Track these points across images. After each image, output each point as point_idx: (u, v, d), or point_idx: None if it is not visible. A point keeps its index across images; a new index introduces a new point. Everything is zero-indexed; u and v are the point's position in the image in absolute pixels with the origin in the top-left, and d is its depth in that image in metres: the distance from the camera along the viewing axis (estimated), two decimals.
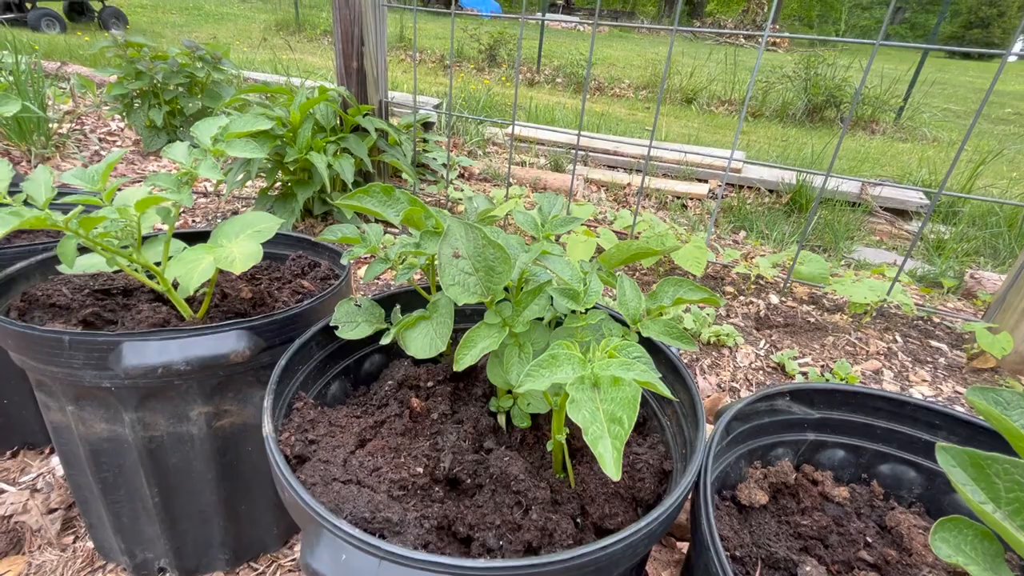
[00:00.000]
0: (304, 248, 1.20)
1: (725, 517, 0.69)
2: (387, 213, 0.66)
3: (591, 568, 0.46)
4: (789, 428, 0.78)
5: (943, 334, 1.78)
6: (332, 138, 2.12)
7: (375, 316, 0.82)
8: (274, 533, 1.00)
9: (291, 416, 0.68)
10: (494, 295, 0.56)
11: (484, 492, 0.66)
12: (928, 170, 3.96)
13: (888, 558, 0.65)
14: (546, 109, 5.52)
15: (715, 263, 2.10)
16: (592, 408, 0.42)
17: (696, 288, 0.61)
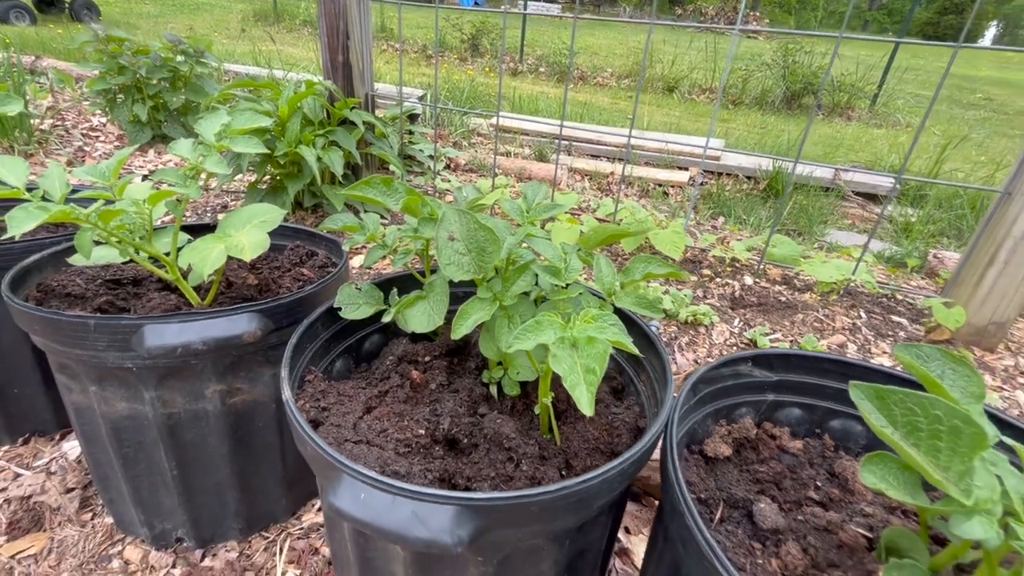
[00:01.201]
0: (301, 238, 1.26)
1: (693, 468, 0.78)
2: (388, 202, 0.73)
3: (574, 499, 0.55)
4: (751, 390, 0.88)
5: (904, 310, 1.91)
6: (320, 131, 2.16)
7: (375, 298, 0.89)
8: (283, 504, 1.07)
9: (304, 387, 0.75)
10: (485, 273, 0.64)
11: (479, 450, 0.74)
12: (898, 155, 4.10)
13: (832, 496, 0.74)
14: (530, 99, 5.57)
15: (694, 247, 2.20)
16: (571, 362, 0.50)
17: (663, 264, 0.69)
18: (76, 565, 0.99)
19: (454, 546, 0.50)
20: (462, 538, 0.50)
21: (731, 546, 0.65)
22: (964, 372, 0.60)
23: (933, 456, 0.46)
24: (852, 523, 0.70)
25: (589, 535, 0.68)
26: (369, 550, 0.65)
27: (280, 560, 1.01)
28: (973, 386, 0.59)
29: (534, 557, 0.62)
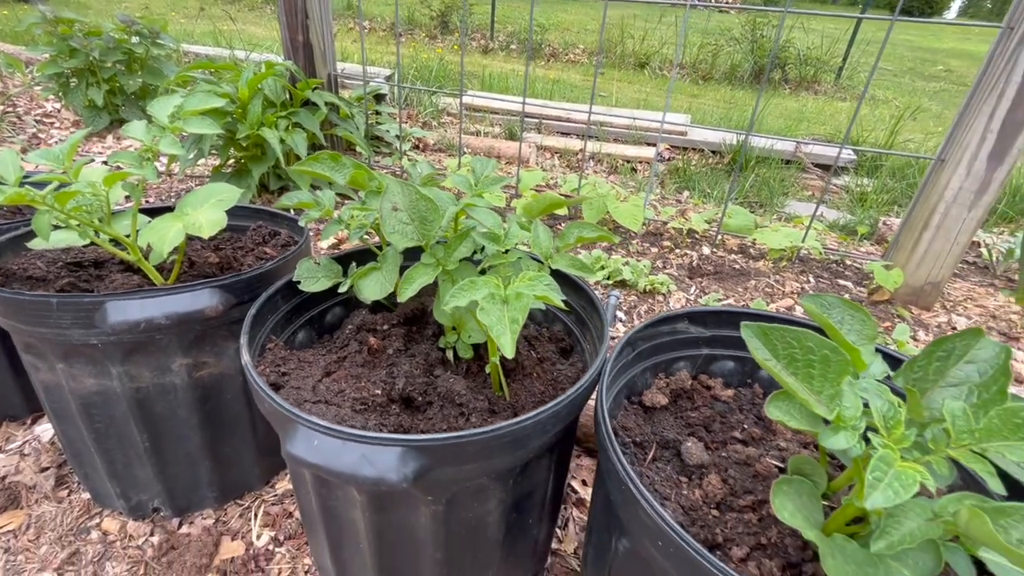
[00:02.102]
0: (263, 219, 1.28)
1: (632, 416, 0.85)
2: (335, 177, 0.77)
3: (508, 439, 0.61)
4: (687, 345, 0.95)
5: (851, 274, 2.02)
6: (283, 113, 2.15)
7: (333, 272, 0.93)
8: (256, 473, 1.12)
9: (264, 355, 0.80)
10: (428, 239, 0.69)
11: (434, 407, 0.80)
12: (857, 128, 4.22)
13: (754, 435, 0.83)
14: (500, 77, 5.53)
15: (656, 220, 2.27)
16: (498, 315, 0.55)
17: (594, 228, 0.75)
18: (55, 538, 1.03)
19: (400, 482, 0.56)
20: (407, 475, 0.56)
21: (659, 480, 0.73)
22: (860, 317, 0.68)
23: (808, 382, 0.54)
24: (768, 456, 0.79)
25: (533, 477, 0.75)
26: (330, 498, 0.71)
27: (255, 524, 1.06)
28: (867, 329, 0.66)
29: (480, 496, 0.69)
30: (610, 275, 1.79)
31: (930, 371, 0.56)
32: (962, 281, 2.09)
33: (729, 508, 0.70)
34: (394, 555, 0.73)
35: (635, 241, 2.10)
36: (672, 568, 0.54)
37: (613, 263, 1.81)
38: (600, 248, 1.95)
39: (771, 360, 0.55)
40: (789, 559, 0.62)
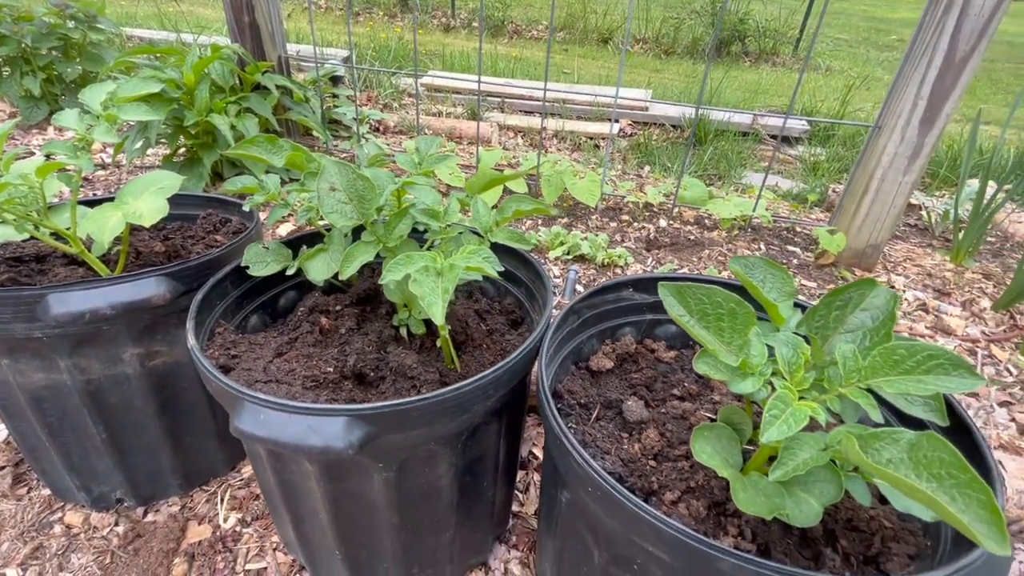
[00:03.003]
0: (213, 206, 1.27)
1: (578, 380, 0.89)
2: (272, 159, 0.77)
3: (450, 404, 0.64)
4: (632, 311, 1.00)
5: (800, 240, 2.11)
6: (232, 98, 2.09)
7: (283, 256, 0.94)
8: (220, 459, 1.14)
9: (213, 339, 0.81)
10: (368, 218, 0.70)
11: (386, 382, 0.82)
12: (811, 99, 4.33)
13: (692, 392, 0.88)
14: (462, 56, 5.45)
15: (616, 196, 2.31)
16: (431, 285, 0.58)
17: (531, 201, 0.78)
18: (16, 535, 1.03)
19: (345, 450, 0.59)
20: (352, 443, 0.59)
21: (601, 437, 0.77)
22: (780, 276, 0.73)
23: (719, 335, 0.58)
24: (702, 410, 0.84)
25: (483, 441, 0.79)
26: (286, 472, 0.73)
27: (222, 508, 1.08)
28: (787, 286, 0.71)
29: (431, 461, 0.72)
30: (569, 250, 1.83)
31: (830, 319, 0.61)
32: (903, 243, 2.20)
33: (665, 458, 0.76)
34: (352, 523, 0.76)
35: (594, 216, 2.14)
36: (602, 512, 0.59)
37: (572, 238, 1.85)
38: (560, 224, 1.99)
39: (685, 316, 0.60)
40: (715, 498, 0.68)
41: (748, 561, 0.47)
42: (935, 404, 0.57)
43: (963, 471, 0.40)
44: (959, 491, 0.40)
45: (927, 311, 1.74)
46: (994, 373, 1.49)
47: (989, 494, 0.39)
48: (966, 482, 0.40)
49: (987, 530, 0.37)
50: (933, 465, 0.42)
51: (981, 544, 0.37)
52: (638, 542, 0.55)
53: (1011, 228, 2.33)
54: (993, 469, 0.59)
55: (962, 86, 1.58)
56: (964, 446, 0.65)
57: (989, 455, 0.61)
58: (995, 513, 0.38)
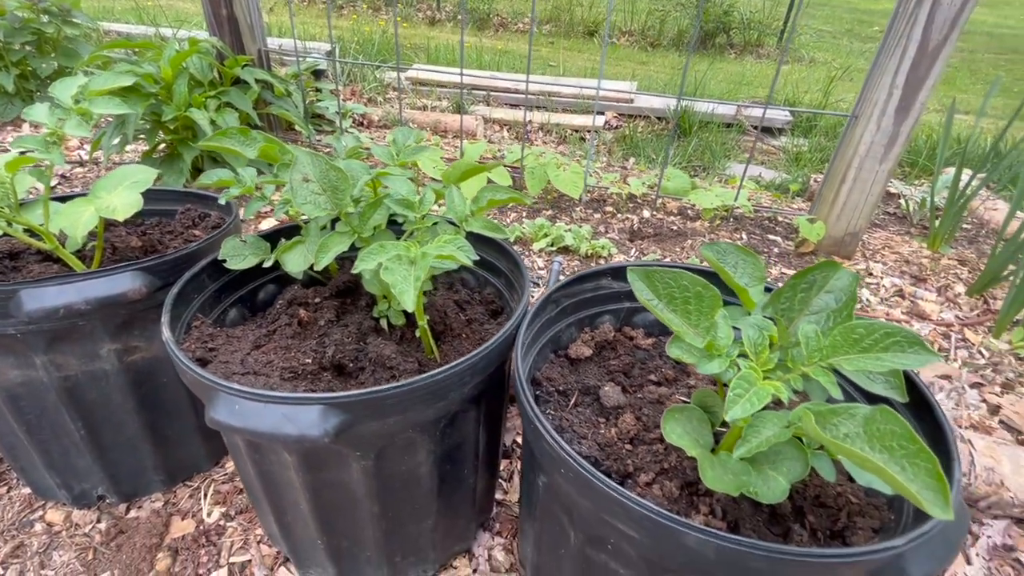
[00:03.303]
0: (192, 201, 1.26)
1: (557, 367, 0.90)
2: (245, 151, 0.77)
3: (424, 391, 0.65)
4: (611, 300, 1.01)
5: (781, 229, 2.13)
6: (211, 92, 2.07)
7: (261, 249, 0.94)
8: (203, 454, 1.14)
9: (190, 332, 0.80)
10: (342, 208, 0.70)
11: (365, 372, 0.83)
12: (793, 90, 4.37)
13: (668, 377, 0.90)
14: (447, 49, 5.42)
15: (600, 187, 2.32)
16: (403, 273, 0.58)
17: (505, 190, 0.78)
18: None
19: (321, 437, 0.59)
20: (328, 431, 0.60)
21: (578, 422, 0.79)
22: (751, 261, 0.74)
23: (686, 317, 0.60)
24: (678, 394, 0.86)
25: (462, 429, 0.80)
26: (265, 463, 0.74)
27: (205, 503, 1.08)
28: (757, 271, 0.73)
29: (410, 449, 0.73)
30: (553, 242, 1.84)
31: (796, 301, 0.63)
32: (882, 231, 2.24)
33: (641, 442, 0.77)
34: (333, 512, 0.77)
35: (579, 208, 2.15)
36: (575, 493, 0.60)
37: (556, 230, 1.85)
38: (544, 216, 1.99)
39: (653, 300, 0.61)
40: (687, 479, 0.69)
41: (711, 535, 0.49)
42: (895, 382, 0.59)
43: (912, 442, 0.42)
44: (908, 461, 0.42)
45: (903, 297, 1.77)
46: (967, 356, 1.53)
47: (935, 463, 0.40)
48: (915, 452, 0.41)
49: (933, 497, 0.39)
50: (886, 437, 0.44)
51: (926, 510, 0.38)
52: (609, 521, 0.57)
53: (987, 215, 2.38)
54: (952, 443, 0.61)
55: (935, 75, 1.60)
56: (927, 423, 0.68)
57: (948, 430, 0.63)
58: (940, 481, 0.39)
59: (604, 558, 0.65)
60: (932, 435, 0.66)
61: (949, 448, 0.61)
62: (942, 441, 0.63)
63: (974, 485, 1.09)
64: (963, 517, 0.55)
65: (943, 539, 0.52)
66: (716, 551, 0.49)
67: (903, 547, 0.48)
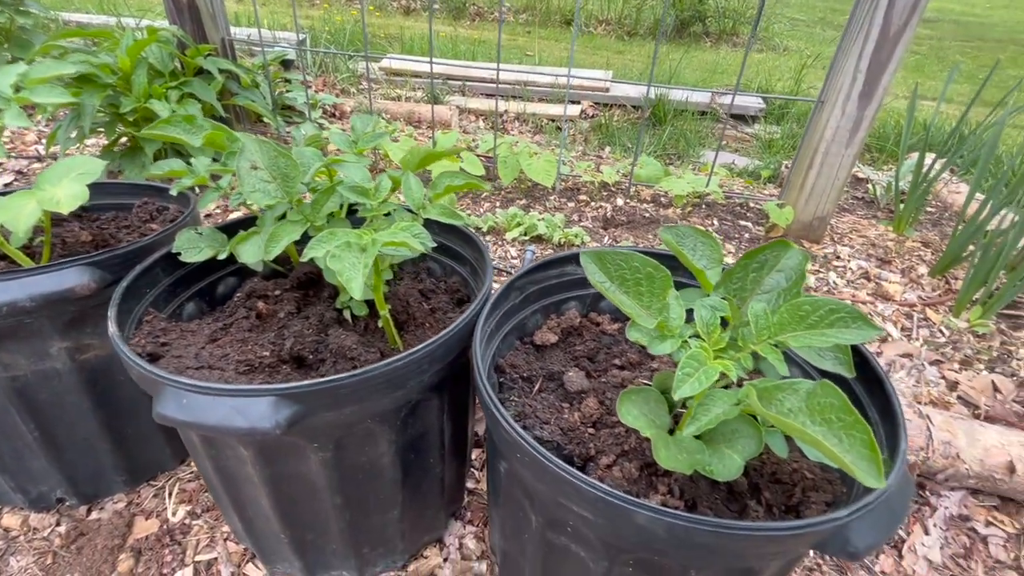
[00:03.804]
0: (149, 194, 1.22)
1: (522, 355, 0.90)
2: (190, 139, 0.74)
3: (381, 380, 0.64)
4: (576, 286, 1.01)
5: (753, 215, 2.16)
6: (173, 83, 2.01)
7: (218, 241, 0.91)
8: (168, 453, 1.11)
9: (141, 327, 0.78)
10: (292, 196, 0.69)
11: (326, 364, 0.81)
12: (765, 78, 4.41)
13: (632, 361, 0.90)
14: (422, 39, 5.34)
15: (574, 176, 2.32)
16: (351, 261, 0.57)
17: (463, 176, 0.77)
18: None
19: (272, 429, 0.58)
20: (279, 423, 0.58)
21: (541, 408, 0.79)
22: (710, 244, 0.74)
23: (638, 299, 0.60)
24: (641, 378, 0.86)
25: (425, 418, 0.79)
26: (221, 459, 0.72)
27: (170, 502, 1.06)
28: (715, 254, 0.73)
29: (370, 439, 0.72)
30: (526, 231, 1.83)
31: (748, 281, 0.63)
32: (850, 215, 2.28)
33: (604, 425, 0.77)
34: (294, 506, 0.76)
35: (552, 197, 2.14)
36: (532, 476, 0.60)
37: (529, 219, 1.85)
38: (517, 205, 1.98)
39: (606, 282, 0.61)
40: (647, 460, 0.70)
41: (660, 513, 0.49)
42: (843, 358, 0.60)
43: (849, 414, 0.43)
44: (845, 432, 0.42)
45: (869, 279, 1.81)
46: (928, 335, 1.57)
47: (870, 433, 0.41)
48: (851, 424, 0.42)
49: (866, 466, 0.40)
50: (826, 410, 0.45)
51: (860, 479, 0.39)
52: (565, 504, 0.57)
53: (950, 198, 2.44)
54: (899, 416, 0.62)
55: (897, 59, 1.63)
56: (878, 397, 0.69)
57: (897, 404, 0.64)
58: (873, 451, 0.40)
59: (564, 540, 0.65)
60: (883, 409, 0.68)
61: (897, 420, 0.62)
62: (891, 414, 0.64)
63: (932, 459, 1.12)
64: (906, 487, 0.56)
65: (887, 509, 0.53)
66: (666, 529, 0.50)
67: (846, 518, 0.49)
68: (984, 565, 1.04)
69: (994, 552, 1.06)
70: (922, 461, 1.13)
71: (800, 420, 0.46)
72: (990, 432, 1.15)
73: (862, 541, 0.51)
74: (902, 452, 0.58)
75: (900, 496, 0.55)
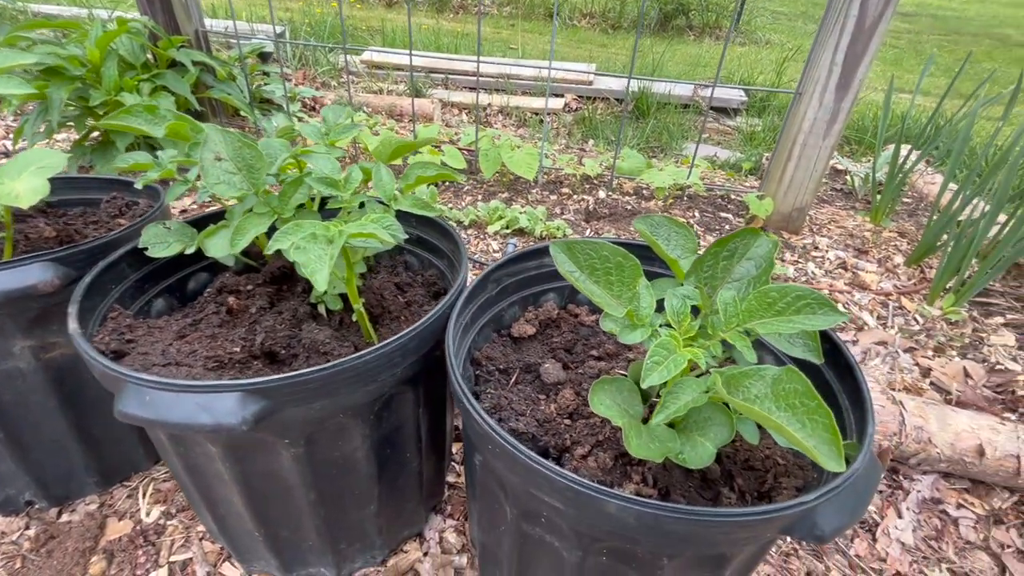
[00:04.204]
0: (118, 189, 1.19)
1: (499, 347, 0.90)
2: (151, 130, 0.72)
3: (351, 374, 0.63)
4: (555, 278, 1.00)
5: (733, 207, 2.18)
6: (145, 76, 1.96)
7: (186, 235, 0.89)
8: (141, 453, 1.09)
9: (105, 324, 0.76)
10: (258, 187, 0.67)
11: (299, 359, 0.80)
12: (747, 71, 4.44)
13: (609, 352, 0.90)
14: (404, 32, 5.28)
15: (557, 169, 2.31)
16: (317, 252, 0.56)
17: (435, 167, 0.76)
18: None
19: (239, 426, 0.57)
20: (246, 419, 0.57)
21: (517, 400, 0.78)
22: (683, 233, 0.74)
23: (608, 288, 0.59)
24: (618, 368, 0.86)
25: (400, 412, 0.78)
26: (190, 457, 0.71)
27: (144, 502, 1.04)
28: (689, 243, 0.73)
29: (343, 434, 0.71)
30: (508, 224, 1.82)
31: (718, 270, 0.63)
32: (829, 206, 2.31)
33: (580, 416, 0.77)
34: (267, 503, 0.75)
35: (535, 190, 2.14)
36: (504, 468, 0.59)
37: (511, 212, 1.84)
38: (499, 198, 1.97)
39: (575, 271, 0.60)
40: (621, 449, 0.70)
41: (629, 502, 0.49)
42: (812, 344, 0.60)
43: (812, 399, 0.43)
44: (808, 417, 0.43)
45: (846, 269, 1.84)
46: (903, 323, 1.60)
47: (831, 418, 0.41)
48: (814, 408, 0.42)
49: (827, 451, 0.40)
50: (790, 396, 0.45)
51: (821, 463, 0.39)
52: (537, 494, 0.57)
53: (925, 189, 2.48)
54: (867, 401, 0.63)
55: (872, 51, 1.64)
56: (848, 383, 0.70)
57: (866, 390, 0.65)
58: (834, 435, 0.40)
59: (539, 531, 0.65)
60: (853, 395, 0.68)
61: (865, 406, 0.63)
62: (860, 400, 0.65)
63: (905, 444, 1.14)
64: (873, 471, 0.57)
65: (853, 493, 0.54)
66: (636, 517, 0.50)
67: (812, 502, 0.49)
68: (955, 546, 1.07)
69: (964, 533, 1.09)
70: (895, 446, 1.15)
71: (765, 406, 0.46)
72: (961, 417, 1.17)
73: (828, 525, 0.51)
74: (869, 436, 0.58)
75: (866, 480, 0.55)
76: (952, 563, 1.04)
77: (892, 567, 1.02)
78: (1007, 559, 1.05)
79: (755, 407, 0.45)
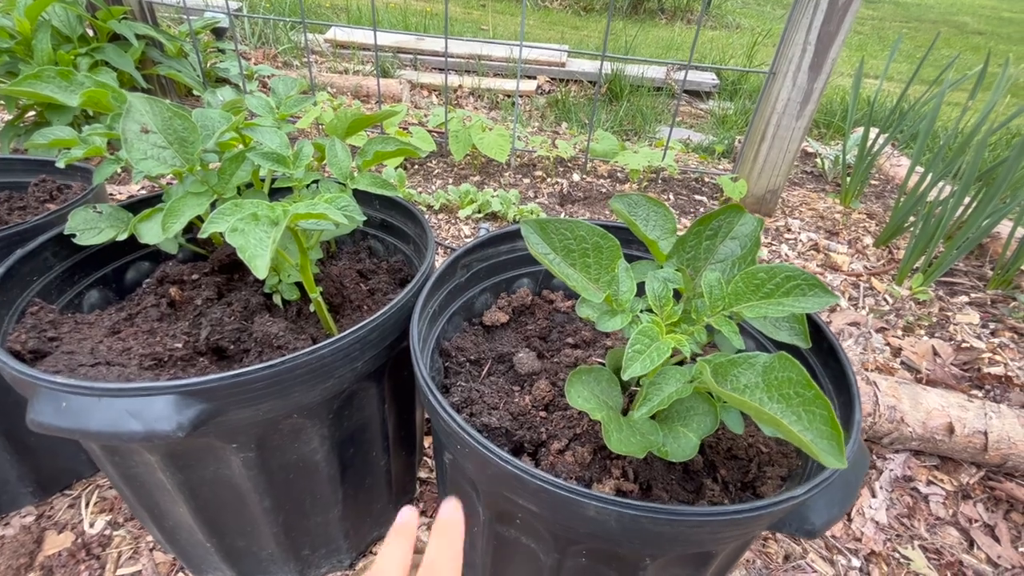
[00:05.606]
0: (48, 171, 1.08)
1: (470, 336, 0.84)
2: (64, 98, 0.63)
3: (303, 371, 0.57)
4: (529, 262, 0.95)
5: (708, 189, 2.16)
6: (82, 49, 1.80)
7: (120, 220, 0.80)
8: (83, 458, 1.00)
9: (23, 319, 0.68)
10: (192, 163, 0.60)
11: (251, 355, 0.73)
12: (718, 54, 4.43)
13: (586, 339, 0.86)
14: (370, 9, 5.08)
15: (530, 152, 2.25)
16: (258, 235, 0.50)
17: (395, 142, 0.70)
18: None
19: (174, 432, 0.50)
20: (182, 424, 0.51)
21: (489, 392, 0.73)
22: (663, 213, 0.70)
23: (586, 271, 0.55)
24: (595, 356, 0.82)
25: (363, 409, 0.73)
26: (127, 466, 0.64)
27: (87, 512, 0.96)
28: (668, 224, 0.69)
29: (298, 436, 0.65)
30: (480, 208, 1.76)
31: (701, 250, 0.59)
32: (800, 188, 2.32)
33: (556, 408, 0.73)
34: (218, 512, 0.68)
35: (507, 173, 2.08)
36: (474, 468, 0.55)
37: (483, 196, 1.78)
38: (471, 182, 1.91)
39: (549, 254, 0.56)
40: (600, 443, 0.66)
41: (609, 502, 0.45)
42: (799, 328, 0.57)
43: (808, 388, 0.39)
44: (804, 409, 0.39)
45: (818, 250, 1.84)
46: (874, 303, 1.61)
47: (830, 410, 0.38)
48: (811, 399, 0.39)
49: (827, 446, 0.36)
50: (783, 385, 0.41)
51: (821, 460, 0.36)
52: (510, 496, 0.52)
53: (892, 171, 2.52)
54: (854, 386, 0.61)
55: (845, 30, 1.63)
56: (832, 368, 0.67)
57: (851, 374, 0.63)
58: (835, 429, 0.37)
59: (514, 533, 0.61)
60: (837, 379, 0.66)
61: (852, 391, 0.60)
62: (846, 385, 0.63)
63: (878, 424, 1.15)
64: (862, 459, 0.54)
65: (843, 484, 0.51)
66: (616, 519, 0.46)
67: (803, 496, 0.46)
68: (926, 523, 1.08)
69: (935, 510, 1.10)
70: (869, 426, 1.15)
71: (756, 397, 0.42)
72: (931, 395, 1.18)
73: (819, 518, 0.49)
74: (856, 423, 0.56)
75: (856, 469, 0.53)
76: (924, 539, 1.05)
77: (867, 546, 1.03)
78: (975, 533, 1.06)
79: (746, 398, 0.41)
